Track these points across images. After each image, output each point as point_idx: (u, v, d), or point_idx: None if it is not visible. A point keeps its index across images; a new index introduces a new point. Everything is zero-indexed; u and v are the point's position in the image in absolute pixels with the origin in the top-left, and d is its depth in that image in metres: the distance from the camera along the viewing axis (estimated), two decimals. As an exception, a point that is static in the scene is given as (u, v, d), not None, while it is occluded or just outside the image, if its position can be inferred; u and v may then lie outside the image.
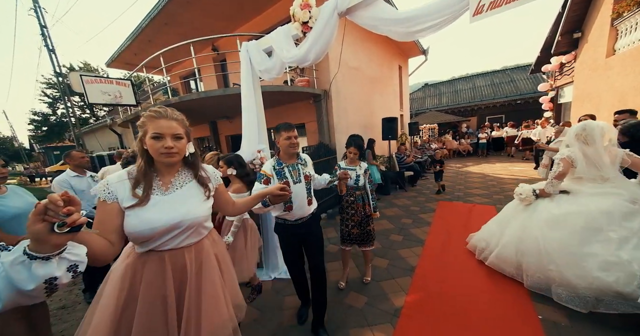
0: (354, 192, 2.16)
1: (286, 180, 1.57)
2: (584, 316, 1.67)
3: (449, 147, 10.78)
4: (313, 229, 1.74)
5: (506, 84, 13.34)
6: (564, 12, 5.81)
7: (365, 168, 2.17)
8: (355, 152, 2.11)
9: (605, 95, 4.97)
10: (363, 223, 2.18)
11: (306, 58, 2.10)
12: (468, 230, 3.19)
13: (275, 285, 2.39)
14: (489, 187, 5.24)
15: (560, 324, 1.64)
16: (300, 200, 1.62)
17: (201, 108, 4.79)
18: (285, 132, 1.57)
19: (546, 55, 7.40)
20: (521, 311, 1.78)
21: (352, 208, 2.17)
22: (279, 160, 1.63)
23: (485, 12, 1.45)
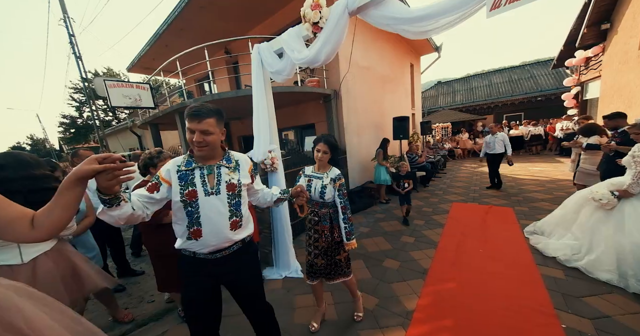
0: (318, 209, 1.65)
1: (192, 189, 1.07)
2: (611, 326, 1.56)
3: (462, 146, 10.43)
4: (242, 267, 1.21)
5: (525, 80, 12.70)
6: (590, 2, 5.45)
7: (336, 176, 1.61)
8: (326, 150, 1.59)
9: (636, 91, 4.61)
10: (330, 251, 1.67)
11: (317, 59, 2.11)
12: (485, 232, 3.08)
13: (286, 284, 2.42)
14: (507, 188, 5.02)
15: (587, 334, 1.54)
16: (215, 222, 1.10)
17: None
18: (190, 121, 1.05)
19: (570, 48, 6.98)
20: (542, 319, 1.69)
21: (316, 231, 1.67)
22: (190, 157, 1.14)
23: (504, 6, 1.40)
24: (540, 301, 1.85)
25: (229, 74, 6.84)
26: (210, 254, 1.14)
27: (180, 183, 1.08)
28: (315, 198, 1.66)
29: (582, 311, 1.72)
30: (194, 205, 1.08)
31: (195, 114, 1.05)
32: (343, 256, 1.72)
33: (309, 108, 5.29)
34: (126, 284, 2.66)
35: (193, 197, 1.08)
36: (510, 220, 3.37)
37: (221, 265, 1.16)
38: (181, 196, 1.07)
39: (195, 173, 1.11)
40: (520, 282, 2.09)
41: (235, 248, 1.19)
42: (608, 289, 1.92)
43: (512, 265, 2.34)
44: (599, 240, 2.13)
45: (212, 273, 1.16)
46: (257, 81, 2.47)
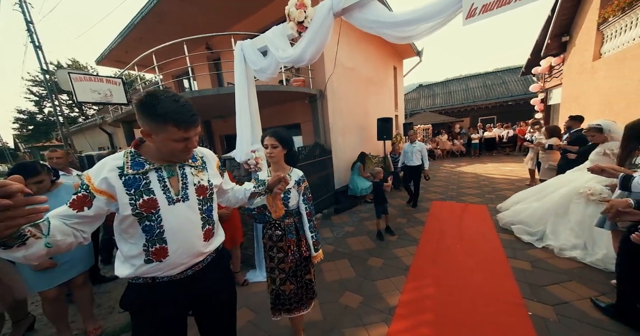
0: (281, 220, 1.38)
1: (150, 197, 0.83)
2: (571, 313, 1.73)
3: (442, 147, 10.94)
4: (216, 278, 1.03)
5: (498, 86, 13.61)
6: (553, 16, 5.97)
7: (300, 178, 1.40)
8: (274, 143, 1.32)
9: (591, 97, 5.13)
10: (300, 271, 1.43)
11: (302, 58, 2.09)
12: (461, 229, 3.25)
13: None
14: (482, 187, 5.34)
15: (549, 320, 1.69)
16: (185, 235, 0.89)
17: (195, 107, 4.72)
18: (187, 127, 0.83)
19: (536, 57, 7.59)
20: (512, 309, 1.82)
21: (280, 248, 1.38)
22: (138, 156, 0.86)
23: (478, 16, 1.48)
24: (510, 292, 1.99)
25: (210, 71, 6.58)
26: (179, 274, 0.91)
27: (128, 191, 0.80)
28: None
29: (545, 299, 1.88)
30: (154, 218, 0.83)
31: (193, 119, 0.83)
32: (312, 274, 1.50)
33: (294, 107, 5.25)
34: (96, 293, 2.46)
35: (152, 208, 0.83)
36: (485, 217, 3.60)
37: (191, 283, 0.94)
38: (133, 209, 0.80)
39: (150, 176, 0.85)
40: (492, 275, 2.24)
41: (209, 259, 1.00)
42: (568, 277, 2.11)
43: (486, 259, 2.50)
44: (600, 234, 2.23)
45: (178, 299, 0.92)
46: (239, 79, 2.40)
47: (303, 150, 4.28)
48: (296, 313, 1.47)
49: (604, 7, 4.62)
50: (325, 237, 3.43)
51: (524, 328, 1.64)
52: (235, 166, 2.75)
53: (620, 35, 4.31)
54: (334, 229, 3.68)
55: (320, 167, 4.53)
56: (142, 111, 0.78)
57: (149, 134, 0.80)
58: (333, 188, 4.94)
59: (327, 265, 2.66)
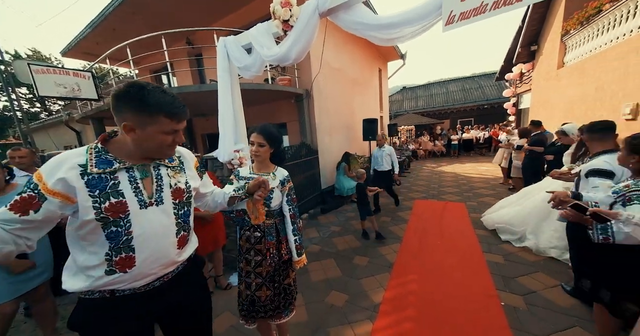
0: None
1: (118, 200, 0.74)
2: (538, 301, 1.87)
3: (424, 147, 11.38)
4: (190, 288, 0.95)
5: (475, 90, 14.40)
6: (523, 26, 6.43)
7: (284, 178, 1.35)
8: (261, 142, 1.26)
9: (556, 103, 5.60)
10: (278, 276, 1.35)
11: (287, 57, 2.07)
12: (442, 226, 3.40)
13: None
14: (460, 186, 5.62)
15: (519, 309, 1.82)
16: (157, 243, 0.81)
17: (175, 104, 4.49)
18: (179, 119, 0.79)
19: (509, 64, 8.13)
20: (486, 300, 1.93)
21: (258, 251, 1.30)
22: (105, 152, 0.76)
23: (456, 23, 1.55)
24: (485, 285, 2.12)
25: (192, 67, 6.30)
26: (144, 286, 0.81)
27: (92, 193, 0.71)
28: None
29: (516, 290, 2.02)
30: (122, 224, 0.74)
31: (184, 110, 0.79)
32: (292, 278, 1.42)
33: (280, 107, 5.18)
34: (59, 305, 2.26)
35: (120, 212, 0.74)
36: (463, 214, 3.79)
37: (157, 296, 0.84)
38: (97, 213, 0.71)
39: (120, 177, 0.76)
40: (469, 269, 2.36)
41: (179, 268, 0.91)
42: (535, 269, 2.28)
43: (464, 255, 2.63)
44: None
45: (141, 312, 0.82)
46: (222, 76, 2.32)
47: (289, 150, 4.23)
48: (277, 320, 1.38)
49: (566, 20, 5.06)
50: (311, 237, 3.42)
51: (497, 317, 1.75)
52: (218, 166, 2.66)
53: (580, 46, 4.74)
54: (321, 229, 3.69)
55: (306, 167, 4.51)
56: (128, 102, 0.72)
57: (132, 128, 0.73)
58: (320, 188, 4.95)
59: (314, 265, 2.66)
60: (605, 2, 3.86)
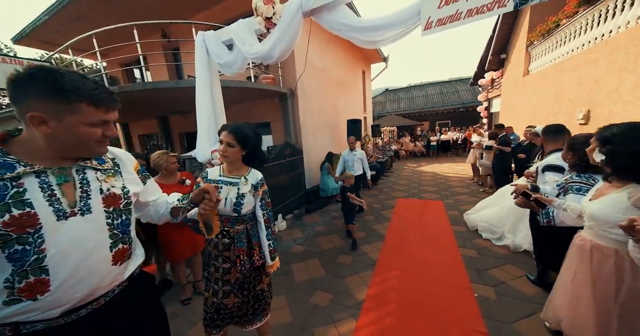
0: (231, 226, 1.24)
1: (24, 211, 0.60)
2: (507, 291, 2.02)
3: (405, 148, 11.80)
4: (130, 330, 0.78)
5: (452, 94, 15.22)
6: (494, 35, 6.91)
7: (258, 182, 1.27)
8: (231, 142, 1.17)
9: (522, 107, 6.09)
10: (249, 283, 1.30)
11: (271, 55, 2.04)
12: (422, 224, 3.55)
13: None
14: (439, 184, 5.91)
15: (490, 299, 1.95)
16: (82, 261, 0.66)
17: (148, 101, 4.23)
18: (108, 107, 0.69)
19: (481, 71, 8.71)
20: (461, 292, 2.05)
21: (227, 258, 1.23)
22: (3, 154, 0.62)
23: (434, 28, 1.63)
24: (460, 278, 2.24)
25: (168, 61, 5.97)
26: (63, 316, 0.65)
27: None
28: (226, 213, 1.21)
29: (487, 281, 2.17)
30: (32, 240, 0.60)
31: (114, 97, 0.70)
32: (266, 284, 1.38)
33: (263, 105, 5.08)
34: None
35: (28, 227, 0.59)
36: (441, 212, 3.99)
37: (90, 328, 0.68)
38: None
39: (26, 183, 0.62)
40: (446, 264, 2.49)
41: (118, 290, 0.75)
42: (504, 261, 2.46)
43: (441, 250, 2.77)
44: None
45: None
46: (201, 72, 2.23)
47: (273, 150, 4.17)
48: (248, 327, 1.34)
49: (530, 32, 5.52)
50: (296, 237, 3.40)
51: (471, 308, 1.86)
52: (196, 166, 2.55)
53: (543, 56, 5.20)
54: (305, 229, 3.67)
55: (291, 167, 4.47)
56: (35, 88, 0.59)
57: (42, 120, 0.60)
58: (304, 188, 4.93)
59: (298, 265, 2.64)
60: (563, 17, 4.27)
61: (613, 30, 3.18)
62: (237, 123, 1.25)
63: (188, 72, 5.09)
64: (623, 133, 1.03)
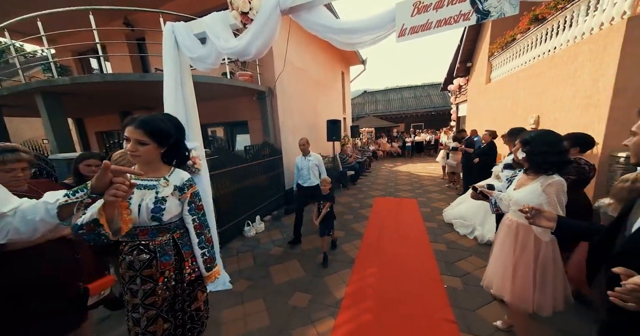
0: (151, 238, 1.05)
1: None
2: (472, 280, 2.20)
3: (383, 148, 12.26)
4: None
5: (425, 98, 16.17)
6: (461, 45, 7.48)
7: (183, 183, 1.11)
8: (141, 138, 0.97)
9: (485, 113, 6.69)
10: (182, 302, 1.13)
11: (247, 51, 1.97)
12: (397, 221, 3.71)
13: (211, 299, 2.14)
14: (413, 183, 6.24)
15: (457, 289, 2.11)
16: None
17: (108, 94, 3.83)
18: None
19: (451, 77, 9.36)
20: (433, 284, 2.19)
21: (148, 278, 1.04)
22: None
23: (407, 35, 1.71)
24: (432, 270, 2.39)
25: (132, 52, 5.46)
26: None
27: None
28: (142, 223, 1.02)
29: (455, 273, 2.34)
30: None
31: None
32: (202, 302, 1.21)
33: (240, 103, 4.91)
34: None
35: None
36: (414, 209, 4.21)
37: None
38: None
39: None
40: (419, 258, 2.63)
41: None
42: (470, 253, 2.68)
43: (415, 245, 2.92)
44: None
45: None
46: (170, 66, 2.08)
47: (251, 150, 4.04)
48: None
49: (491, 44, 6.08)
50: (275, 239, 3.34)
51: (441, 298, 2.00)
52: (166, 167, 2.37)
53: (502, 66, 5.75)
54: (284, 230, 3.63)
55: (270, 167, 4.38)
56: None
57: None
58: (283, 188, 4.86)
59: (277, 267, 2.59)
60: (518, 32, 4.77)
61: (557, 47, 3.63)
62: (149, 115, 1.04)
63: (156, 65, 4.71)
64: (537, 137, 1.31)
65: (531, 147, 1.31)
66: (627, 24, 2.42)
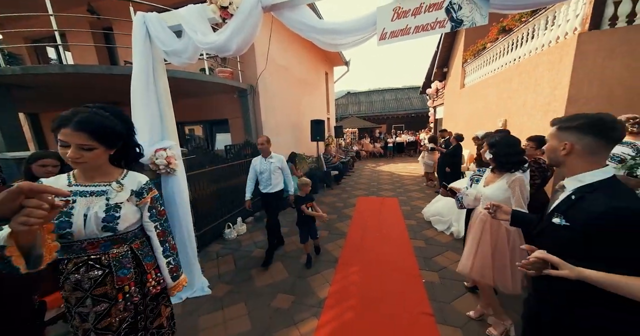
0: (103, 251, 0.92)
1: None
2: (448, 275, 2.32)
3: (366, 149, 12.53)
4: None
5: (405, 100, 16.80)
6: (438, 51, 7.88)
7: (140, 188, 1.00)
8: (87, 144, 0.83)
9: (460, 116, 7.11)
10: (143, 319, 1.03)
11: (227, 47, 1.90)
12: (380, 220, 3.81)
13: (188, 307, 2.04)
14: (394, 183, 6.44)
15: (435, 282, 2.21)
16: None
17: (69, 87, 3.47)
18: None
19: (429, 81, 9.83)
20: (412, 279, 2.27)
21: (102, 297, 0.92)
22: None
23: (388, 39, 1.75)
24: (411, 266, 2.49)
25: (97, 42, 5.02)
26: None
27: None
28: (90, 235, 0.88)
29: (433, 267, 2.45)
30: None
31: None
32: (165, 317, 1.10)
33: (221, 101, 4.73)
34: None
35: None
36: (396, 208, 4.35)
37: None
38: None
39: None
40: (400, 255, 2.73)
41: None
42: (446, 249, 2.82)
43: (396, 243, 3.02)
44: None
45: None
46: (140, 59, 1.94)
47: (232, 149, 3.91)
48: None
49: (465, 51, 6.47)
50: (257, 241, 3.26)
51: (419, 293, 2.08)
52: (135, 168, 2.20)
53: (474, 72, 6.15)
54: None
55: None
56: None
57: None
58: (266, 189, 4.77)
59: (259, 270, 2.54)
60: (488, 41, 5.13)
61: (521, 57, 3.96)
62: (83, 111, 0.85)
63: (126, 58, 4.38)
64: (501, 140, 1.52)
65: (496, 149, 1.50)
66: (578, 39, 2.71)
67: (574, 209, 0.80)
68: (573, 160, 0.84)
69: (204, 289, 2.20)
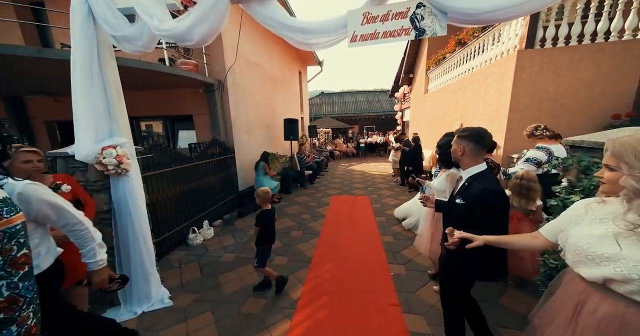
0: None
1: None
2: (413, 266, 2.49)
3: (339, 149, 12.80)
4: None
5: (376, 102, 17.59)
6: (405, 57, 8.41)
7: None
8: None
9: (423, 119, 7.70)
10: None
11: (188, 36, 1.75)
12: (352, 217, 3.92)
13: (144, 322, 1.84)
14: (366, 181, 6.70)
15: (402, 275, 2.35)
16: None
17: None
18: None
19: (397, 85, 10.43)
20: (381, 273, 2.39)
21: None
22: None
23: (358, 42, 1.80)
24: (380, 261, 2.61)
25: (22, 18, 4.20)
26: None
27: None
28: None
29: (400, 261, 2.61)
30: None
31: None
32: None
33: (184, 95, 4.36)
34: None
35: None
36: (367, 206, 4.52)
37: None
38: None
39: None
40: (370, 250, 2.84)
41: None
42: (412, 242, 3.01)
43: (367, 239, 3.14)
44: None
45: None
46: (81, 43, 1.69)
47: (197, 148, 3.64)
48: None
49: (428, 59, 7.02)
50: (226, 245, 3.09)
51: (387, 285, 2.19)
52: (78, 167, 1.91)
53: (436, 79, 6.71)
54: (237, 234, 3.40)
55: (220, 167, 4.03)
56: None
57: None
58: (237, 189, 4.55)
59: (228, 275, 2.41)
60: (447, 52, 5.64)
61: (474, 67, 4.44)
62: None
63: (62, 40, 3.75)
64: (444, 143, 1.86)
65: (442, 149, 1.90)
66: (517, 56, 3.14)
67: (466, 192, 1.20)
68: (465, 158, 1.24)
69: (164, 301, 2.01)
